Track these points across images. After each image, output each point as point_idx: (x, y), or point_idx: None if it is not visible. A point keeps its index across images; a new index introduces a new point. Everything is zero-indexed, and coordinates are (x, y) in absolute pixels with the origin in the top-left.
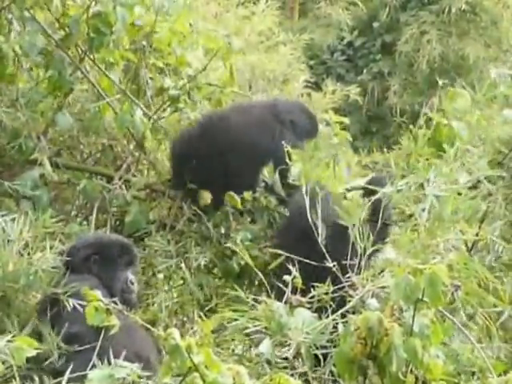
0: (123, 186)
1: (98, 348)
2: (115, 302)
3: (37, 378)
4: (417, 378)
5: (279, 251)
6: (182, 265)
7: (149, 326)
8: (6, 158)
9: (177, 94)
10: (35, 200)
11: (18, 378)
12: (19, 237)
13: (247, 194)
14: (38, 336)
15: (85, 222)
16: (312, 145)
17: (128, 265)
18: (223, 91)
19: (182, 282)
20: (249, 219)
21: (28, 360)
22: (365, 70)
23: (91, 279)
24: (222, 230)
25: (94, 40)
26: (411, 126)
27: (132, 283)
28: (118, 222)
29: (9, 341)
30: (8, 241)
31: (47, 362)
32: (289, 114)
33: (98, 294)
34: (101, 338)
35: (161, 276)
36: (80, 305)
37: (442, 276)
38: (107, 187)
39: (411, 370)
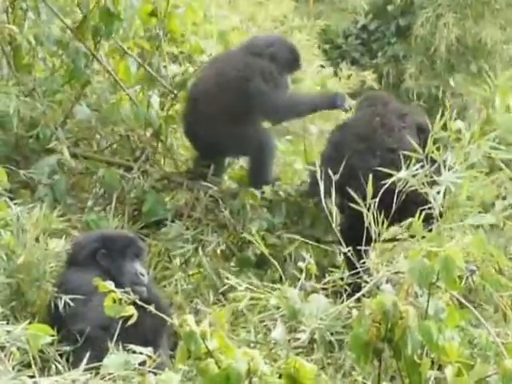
0: (141, 177)
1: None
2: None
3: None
4: (433, 361)
5: None
6: (200, 250)
7: (162, 315)
8: (24, 149)
9: (182, 81)
10: (53, 186)
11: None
12: (35, 224)
13: (267, 189)
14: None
15: (103, 212)
16: None
17: (135, 257)
18: None
19: (198, 266)
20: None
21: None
22: (379, 54)
23: (95, 272)
24: (239, 220)
25: (101, 28)
26: None
27: (142, 275)
28: (135, 212)
29: (24, 328)
30: (22, 230)
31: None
32: (267, 48)
33: (112, 284)
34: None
35: (177, 261)
36: (84, 300)
37: (457, 259)
38: (126, 176)
39: (426, 353)
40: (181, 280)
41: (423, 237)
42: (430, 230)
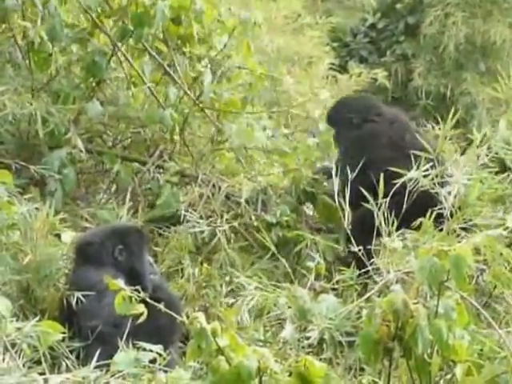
0: (156, 171)
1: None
2: (137, 290)
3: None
4: (443, 360)
5: None
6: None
7: (172, 313)
8: (36, 145)
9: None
10: (63, 180)
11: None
12: (44, 222)
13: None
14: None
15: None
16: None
17: (145, 247)
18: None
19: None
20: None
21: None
22: (388, 52)
23: (110, 269)
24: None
25: (129, 30)
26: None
27: (152, 263)
28: (148, 208)
29: (34, 325)
30: (30, 228)
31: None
32: None
33: (121, 283)
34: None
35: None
36: (97, 298)
37: (467, 258)
38: (140, 171)
39: (437, 352)
40: (192, 272)
41: (433, 236)
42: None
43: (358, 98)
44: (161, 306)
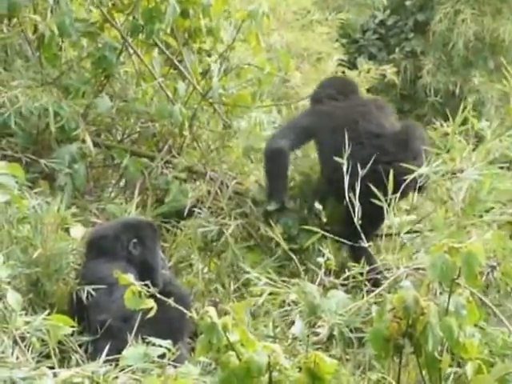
0: (164, 167)
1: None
2: (147, 285)
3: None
4: (453, 358)
5: None
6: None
7: (181, 308)
8: (46, 139)
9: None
10: (73, 175)
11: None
12: (54, 216)
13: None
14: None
15: (123, 202)
16: None
17: (158, 242)
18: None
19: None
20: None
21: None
22: (397, 49)
23: (123, 263)
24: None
25: (140, 26)
26: None
27: (164, 259)
28: (156, 203)
29: (44, 319)
30: (41, 222)
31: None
32: None
33: (131, 277)
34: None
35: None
36: (107, 292)
37: (478, 255)
38: (150, 165)
39: (447, 349)
40: (201, 267)
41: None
42: None
43: (330, 79)
44: (170, 301)
